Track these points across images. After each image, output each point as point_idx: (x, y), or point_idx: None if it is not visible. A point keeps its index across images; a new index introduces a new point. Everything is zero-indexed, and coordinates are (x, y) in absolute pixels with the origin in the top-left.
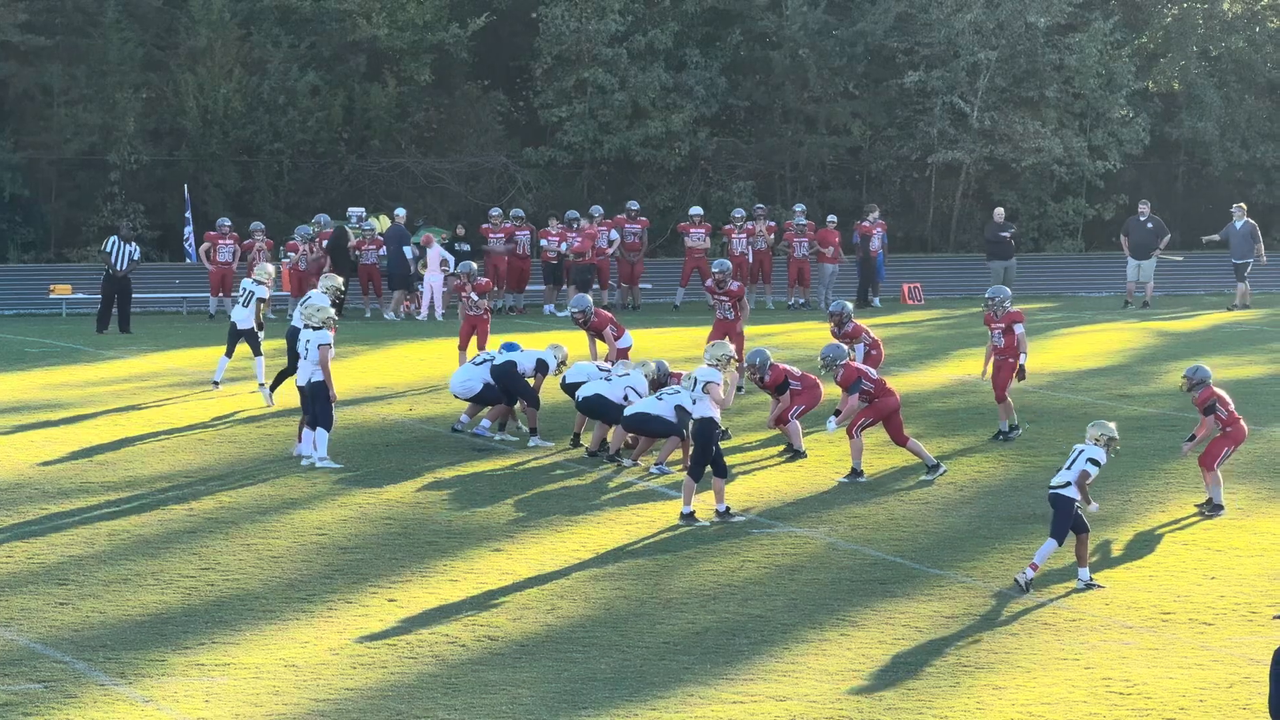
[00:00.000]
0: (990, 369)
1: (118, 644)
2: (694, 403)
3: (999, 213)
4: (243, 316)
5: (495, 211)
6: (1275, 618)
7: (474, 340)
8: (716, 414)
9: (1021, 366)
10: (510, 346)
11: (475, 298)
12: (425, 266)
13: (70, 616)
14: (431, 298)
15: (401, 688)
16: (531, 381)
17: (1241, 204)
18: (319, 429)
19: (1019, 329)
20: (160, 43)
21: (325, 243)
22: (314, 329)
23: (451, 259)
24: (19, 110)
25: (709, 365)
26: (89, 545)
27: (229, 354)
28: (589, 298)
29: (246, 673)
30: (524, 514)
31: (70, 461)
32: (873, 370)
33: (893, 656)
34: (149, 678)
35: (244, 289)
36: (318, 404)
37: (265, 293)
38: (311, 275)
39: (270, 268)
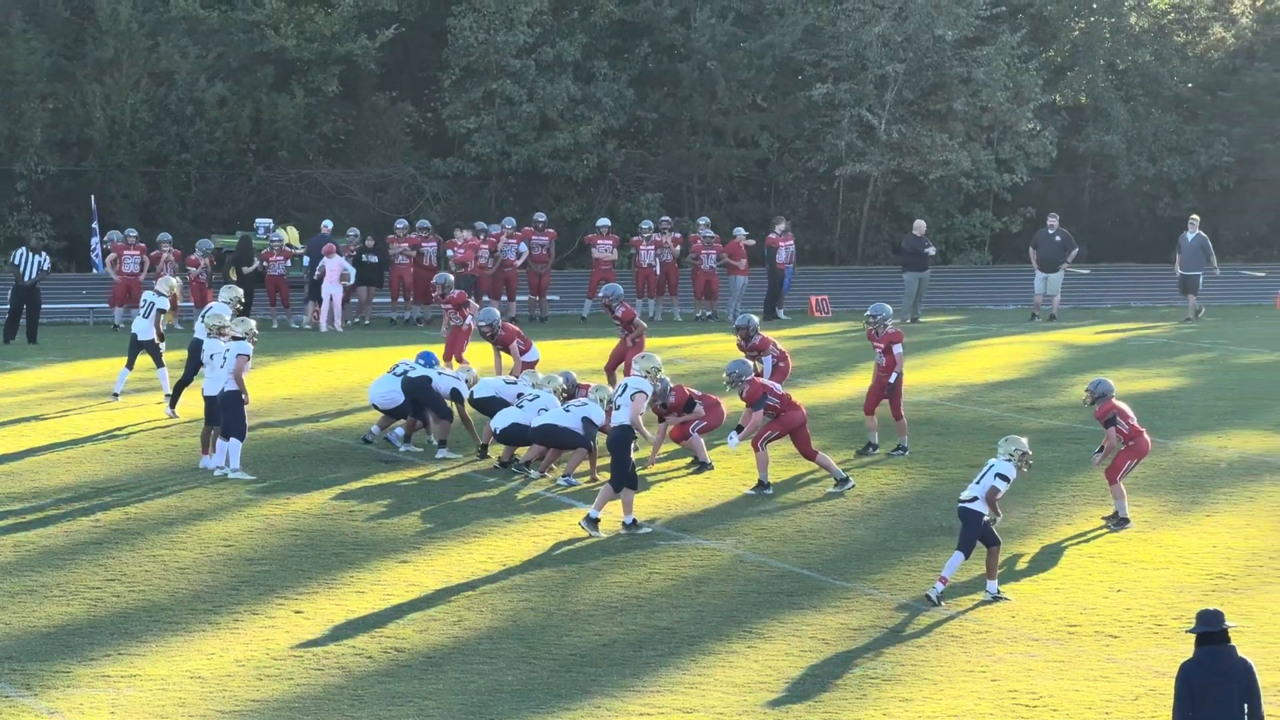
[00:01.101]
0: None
1: (23, 656)
2: (617, 408)
3: (919, 225)
4: (143, 328)
5: (401, 223)
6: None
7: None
8: (636, 424)
9: (891, 384)
10: (427, 356)
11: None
12: (324, 276)
13: None
14: (331, 309)
15: (308, 700)
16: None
17: (1195, 216)
18: (231, 440)
19: (897, 349)
20: (67, 53)
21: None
22: (235, 339)
23: (353, 271)
24: None
25: (639, 376)
26: None
27: (129, 366)
28: (496, 311)
29: (153, 684)
30: (431, 526)
31: None
32: (778, 385)
33: (800, 669)
34: (54, 689)
35: (145, 300)
36: (228, 414)
37: (166, 304)
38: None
39: (174, 280)
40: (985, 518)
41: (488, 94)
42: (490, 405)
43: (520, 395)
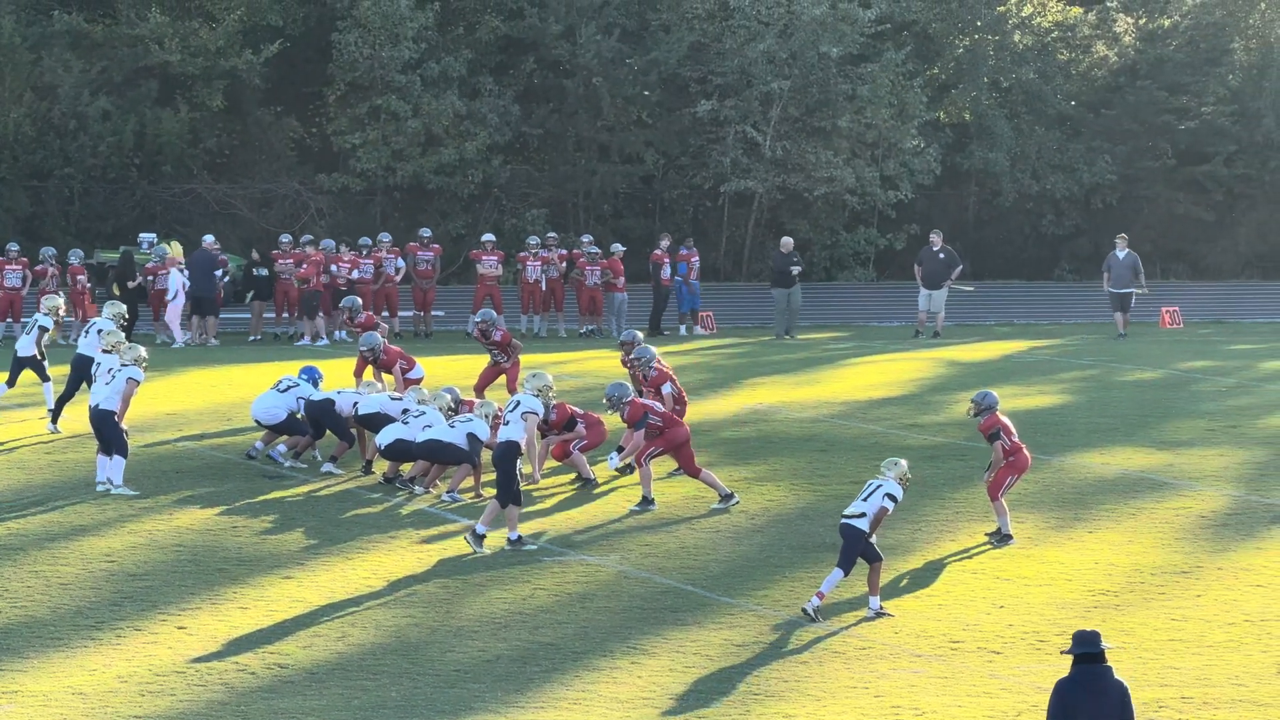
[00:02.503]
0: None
1: None
2: (505, 424)
3: (787, 242)
4: (25, 345)
5: (286, 238)
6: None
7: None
8: (523, 443)
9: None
10: (310, 371)
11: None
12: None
13: None
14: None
15: (191, 716)
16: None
17: (1123, 235)
18: (115, 456)
19: (666, 389)
20: None
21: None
22: (125, 365)
23: (187, 284)
24: None
25: (531, 394)
26: None
27: (10, 383)
28: (378, 335)
29: (34, 700)
30: (315, 541)
31: None
32: (659, 404)
33: (684, 684)
34: None
35: (33, 320)
36: (106, 430)
37: (50, 324)
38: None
39: (59, 300)
40: (867, 535)
41: (373, 109)
42: (375, 421)
43: (406, 411)
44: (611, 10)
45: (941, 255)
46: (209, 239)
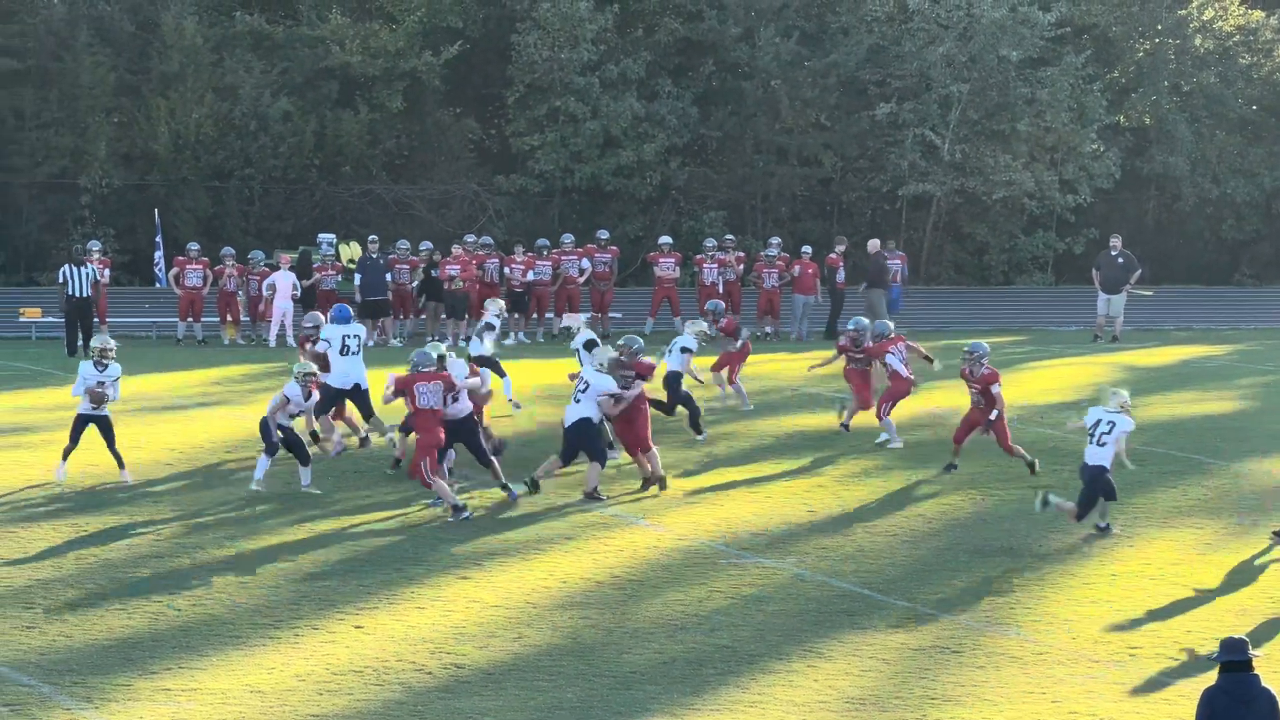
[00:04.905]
0: None
1: (84, 668)
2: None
3: (874, 243)
4: (475, 346)
5: (470, 238)
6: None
7: None
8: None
9: (991, 421)
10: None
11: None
12: (275, 291)
13: (37, 640)
14: (282, 325)
15: (368, 715)
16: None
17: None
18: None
19: (996, 389)
20: (133, 67)
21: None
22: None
23: (297, 287)
24: None
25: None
26: (56, 569)
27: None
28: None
29: (213, 698)
30: (492, 542)
31: (37, 486)
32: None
33: (860, 688)
34: (115, 702)
35: (481, 323)
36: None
37: (498, 323)
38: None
39: (500, 303)
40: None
41: (551, 111)
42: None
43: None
44: (790, 13)
45: (1120, 260)
46: (373, 239)
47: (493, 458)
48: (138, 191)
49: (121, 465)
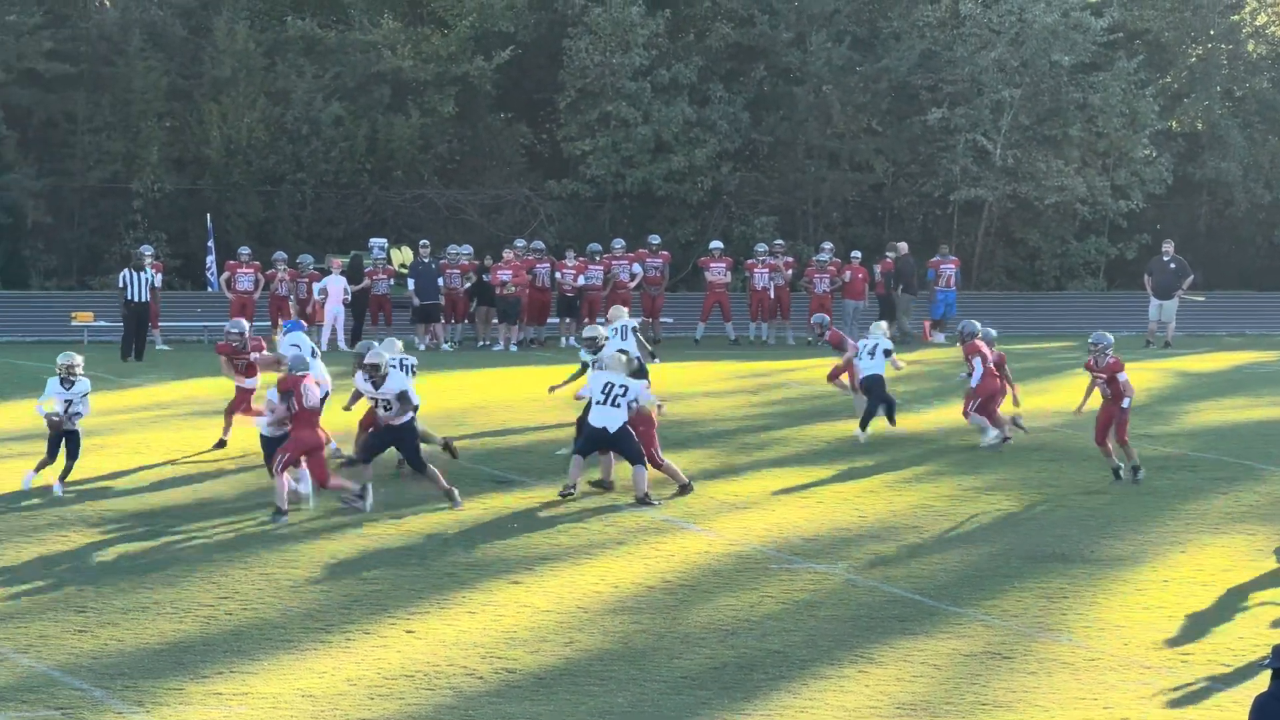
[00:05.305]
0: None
1: (136, 672)
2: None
3: (901, 246)
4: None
5: (520, 243)
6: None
7: None
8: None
9: (1123, 410)
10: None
11: None
12: (326, 295)
13: (89, 644)
14: (333, 329)
15: (419, 719)
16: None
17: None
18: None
19: (1123, 377)
20: (184, 72)
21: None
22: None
23: (347, 292)
24: (43, 138)
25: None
26: (107, 573)
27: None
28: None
29: (264, 702)
30: (542, 546)
31: (88, 487)
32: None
33: (912, 694)
34: (167, 706)
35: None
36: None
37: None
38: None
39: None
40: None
41: (603, 116)
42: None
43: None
44: (842, 18)
45: (1173, 265)
46: (424, 244)
47: (432, 467)
48: (189, 196)
49: (65, 475)
